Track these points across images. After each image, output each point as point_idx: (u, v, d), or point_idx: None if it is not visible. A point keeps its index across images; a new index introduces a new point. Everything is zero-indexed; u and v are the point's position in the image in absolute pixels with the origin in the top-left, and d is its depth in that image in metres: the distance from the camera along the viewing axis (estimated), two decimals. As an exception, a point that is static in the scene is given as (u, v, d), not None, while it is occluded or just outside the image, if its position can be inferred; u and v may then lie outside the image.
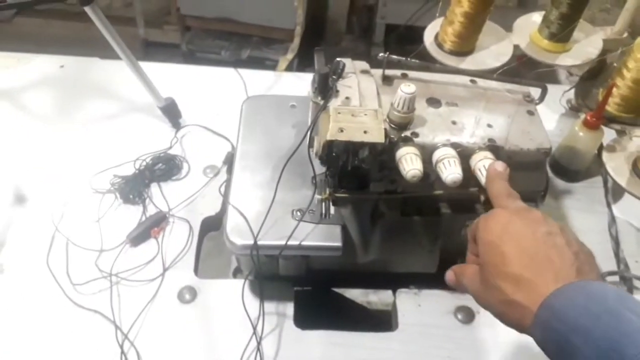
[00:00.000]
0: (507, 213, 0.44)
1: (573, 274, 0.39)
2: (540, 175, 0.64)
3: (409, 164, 0.54)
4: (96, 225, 0.73)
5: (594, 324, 0.34)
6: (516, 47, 0.83)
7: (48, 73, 0.95)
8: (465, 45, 0.80)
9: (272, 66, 1.80)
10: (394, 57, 0.61)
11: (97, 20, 0.73)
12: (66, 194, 0.76)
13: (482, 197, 0.60)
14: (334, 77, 0.59)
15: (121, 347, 0.62)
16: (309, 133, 0.59)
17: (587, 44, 0.84)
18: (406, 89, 0.54)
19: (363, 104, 0.58)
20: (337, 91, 0.59)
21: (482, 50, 0.81)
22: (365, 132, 0.54)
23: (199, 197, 0.77)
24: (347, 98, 0.58)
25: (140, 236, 0.71)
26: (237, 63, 1.90)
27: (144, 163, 0.79)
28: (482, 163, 0.55)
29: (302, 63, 1.82)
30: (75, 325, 0.64)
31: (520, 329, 0.40)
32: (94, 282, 0.67)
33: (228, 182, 0.75)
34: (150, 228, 0.72)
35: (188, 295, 0.67)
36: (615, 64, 0.83)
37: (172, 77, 0.93)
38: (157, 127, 0.86)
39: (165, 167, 0.79)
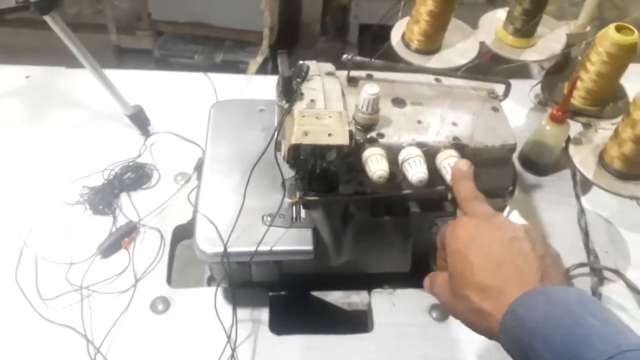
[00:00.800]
0: (473, 221, 0.44)
1: (537, 279, 0.39)
2: (507, 171, 0.65)
3: (375, 165, 0.55)
4: (66, 237, 0.72)
5: (554, 329, 0.35)
6: (482, 44, 0.84)
7: (14, 83, 0.93)
8: (431, 43, 0.80)
9: (247, 69, 1.79)
10: (358, 58, 0.61)
11: (57, 29, 0.71)
12: (34, 206, 0.75)
13: (450, 195, 0.60)
14: (298, 80, 0.59)
15: (93, 361, 0.61)
16: (275, 136, 0.59)
17: (551, 39, 0.85)
18: (370, 89, 0.54)
19: (328, 106, 0.58)
20: (302, 94, 0.58)
21: (449, 48, 0.82)
22: (330, 134, 0.54)
23: (170, 205, 0.76)
24: (312, 101, 0.58)
25: (110, 247, 0.70)
26: (211, 67, 1.88)
27: (113, 173, 0.78)
28: (447, 161, 0.55)
29: (276, 66, 1.81)
30: (46, 341, 0.63)
31: (490, 336, 0.41)
32: (64, 296, 0.66)
33: (198, 189, 0.75)
34: (120, 239, 0.71)
35: (161, 305, 0.66)
36: (579, 58, 0.84)
37: (141, 84, 0.92)
38: (126, 135, 0.85)
39: (134, 176, 0.78)
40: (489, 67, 0.87)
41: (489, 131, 0.60)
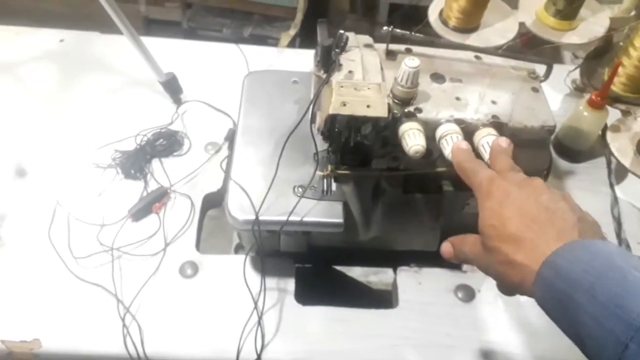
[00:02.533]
0: (508, 182, 0.44)
1: (575, 234, 0.38)
2: (543, 153, 0.64)
3: (412, 139, 0.54)
4: (97, 199, 0.73)
5: (598, 280, 0.34)
6: (521, 24, 0.82)
7: (47, 47, 0.94)
8: (470, 21, 0.79)
9: (275, 44, 1.78)
10: (398, 31, 0.60)
11: (97, -8, 0.71)
12: (67, 168, 0.76)
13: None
14: (336, 50, 0.58)
15: (123, 320, 0.62)
16: (311, 107, 0.59)
17: (593, 22, 0.83)
18: (410, 62, 0.54)
19: (366, 78, 0.57)
20: (340, 65, 0.58)
21: (487, 27, 0.80)
22: (368, 106, 0.54)
23: (200, 173, 0.77)
24: (350, 72, 0.58)
25: (141, 211, 0.71)
26: (239, 41, 1.88)
27: (145, 138, 0.79)
28: (486, 139, 0.55)
29: (304, 42, 1.80)
30: (77, 298, 0.64)
31: (522, 290, 0.40)
32: (95, 255, 0.67)
33: (229, 158, 0.75)
34: (151, 203, 0.72)
35: (190, 270, 0.67)
36: (621, 43, 0.82)
37: (173, 52, 0.92)
38: (158, 102, 0.85)
39: (166, 143, 0.79)
40: (523, 50, 0.86)
41: (529, 111, 0.59)
